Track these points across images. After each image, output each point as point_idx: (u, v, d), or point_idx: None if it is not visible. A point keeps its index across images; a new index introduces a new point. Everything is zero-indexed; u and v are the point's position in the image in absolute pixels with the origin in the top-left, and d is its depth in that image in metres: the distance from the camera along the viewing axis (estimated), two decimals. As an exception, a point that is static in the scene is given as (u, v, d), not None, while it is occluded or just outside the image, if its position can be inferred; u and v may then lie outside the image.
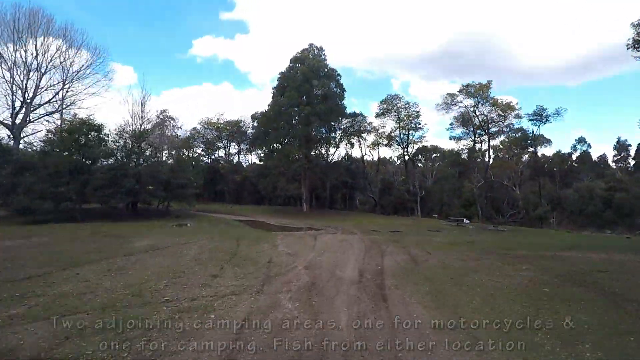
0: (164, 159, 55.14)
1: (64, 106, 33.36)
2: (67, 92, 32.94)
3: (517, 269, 9.67)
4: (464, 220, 31.30)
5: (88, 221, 23.20)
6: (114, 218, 26.22)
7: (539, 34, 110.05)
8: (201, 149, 60.70)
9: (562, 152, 74.42)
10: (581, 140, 72.43)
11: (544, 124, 37.14)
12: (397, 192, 44.01)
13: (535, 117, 37.11)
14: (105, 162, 29.05)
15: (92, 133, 27.84)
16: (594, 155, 77.92)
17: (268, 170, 37.58)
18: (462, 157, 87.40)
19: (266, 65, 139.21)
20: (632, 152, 72.31)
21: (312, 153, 37.46)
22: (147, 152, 31.40)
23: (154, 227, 22.16)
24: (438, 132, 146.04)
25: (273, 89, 37.89)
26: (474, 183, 41.98)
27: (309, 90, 35.55)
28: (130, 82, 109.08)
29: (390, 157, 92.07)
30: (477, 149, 41.18)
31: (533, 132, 38.12)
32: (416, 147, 43.19)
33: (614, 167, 75.22)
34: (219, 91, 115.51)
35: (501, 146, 52.06)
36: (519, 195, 52.96)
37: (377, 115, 43.12)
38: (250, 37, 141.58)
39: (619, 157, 74.73)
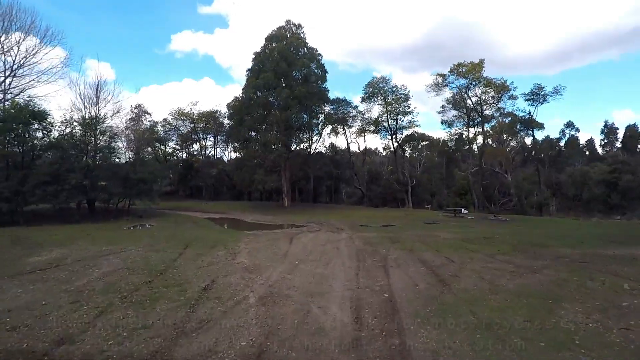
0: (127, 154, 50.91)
1: (12, 95, 28.72)
2: (12, 79, 28.28)
3: (617, 285, 6.33)
4: (462, 210, 28.30)
5: (34, 224, 19.40)
6: (64, 220, 22.28)
7: (519, 25, 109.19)
8: (175, 142, 56.30)
9: (551, 137, 73.01)
10: (569, 125, 70.76)
11: (541, 104, 34.52)
12: (385, 183, 40.81)
13: (532, 97, 34.40)
14: (51, 155, 24.83)
15: (34, 121, 23.53)
16: (581, 141, 76.82)
17: (244, 161, 33.67)
18: (450, 145, 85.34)
19: (247, 60, 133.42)
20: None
21: (293, 141, 33.71)
22: (101, 143, 27.10)
23: (103, 230, 18.29)
24: (424, 123, 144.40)
25: (247, 71, 33.94)
26: (470, 170, 39.11)
27: (287, 72, 31.75)
28: (107, 78, 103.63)
29: (376, 148, 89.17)
30: (470, 133, 38.21)
31: (530, 113, 35.43)
32: (405, 133, 39.80)
33: (601, 151, 74.25)
34: (200, 87, 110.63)
35: (491, 132, 49.24)
36: (511, 183, 50.72)
37: (363, 100, 39.71)
38: (230, 31, 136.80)
39: (607, 141, 73.69)
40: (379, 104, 40.01)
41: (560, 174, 59.29)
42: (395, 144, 40.22)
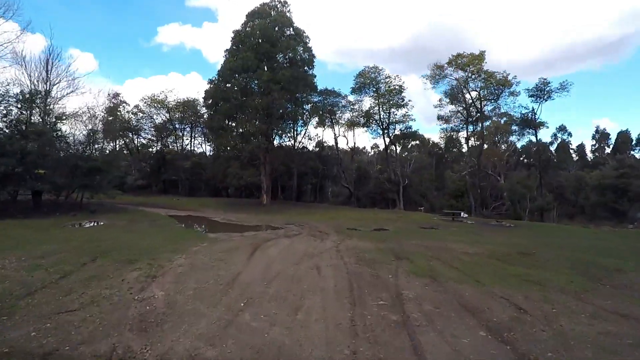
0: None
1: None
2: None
3: None
4: (461, 213, 25.24)
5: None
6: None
7: (504, 31, 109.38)
8: (147, 132, 51.77)
9: (542, 140, 71.32)
10: (562, 129, 69.11)
11: (546, 101, 31.86)
12: (375, 182, 37.56)
13: (536, 93, 31.64)
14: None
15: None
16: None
17: (219, 153, 29.83)
18: (440, 145, 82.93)
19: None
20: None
21: (275, 132, 30.02)
22: (42, 124, 22.90)
23: (28, 227, 14.53)
24: (413, 125, 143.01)
25: (225, 51, 30.05)
26: (466, 170, 36.23)
27: (270, 53, 28.06)
28: (90, 70, 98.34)
29: (364, 147, 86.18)
30: (468, 130, 35.19)
31: (533, 110, 32.71)
32: (398, 127, 36.50)
33: (591, 156, 73.01)
34: (186, 81, 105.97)
35: (485, 132, 46.46)
36: (504, 186, 48.35)
37: (353, 91, 36.37)
38: (218, 26, 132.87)
39: (598, 146, 72.50)
40: (370, 96, 36.75)
41: (556, 178, 57.30)
42: (387, 140, 36.96)
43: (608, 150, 71.85)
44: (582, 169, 54.34)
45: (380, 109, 35.62)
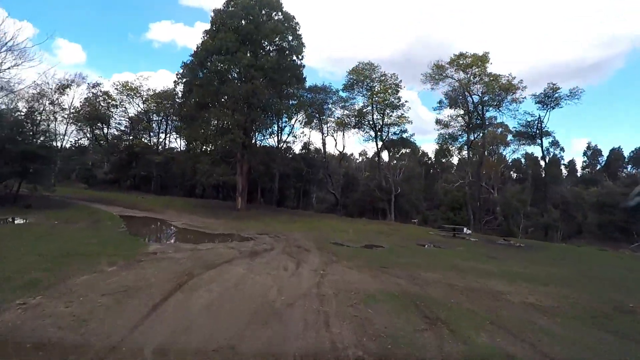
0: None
1: None
2: None
3: None
4: (464, 229, 22.02)
5: None
6: None
7: (488, 50, 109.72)
8: (117, 123, 47.17)
9: (534, 154, 69.61)
10: (554, 143, 67.45)
11: (553, 108, 29.24)
12: (365, 189, 34.17)
13: (543, 100, 28.98)
14: None
15: None
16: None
17: (188, 146, 25.90)
18: (430, 155, 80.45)
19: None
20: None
21: (255, 126, 26.29)
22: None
23: None
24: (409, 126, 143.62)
25: (204, 32, 26.29)
26: (459, 181, 33.30)
27: (253, 35, 24.50)
28: (78, 61, 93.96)
29: (352, 154, 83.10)
30: (470, 137, 32.08)
31: (540, 118, 30.01)
32: (393, 130, 33.15)
33: (581, 173, 71.77)
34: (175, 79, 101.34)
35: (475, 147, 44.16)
36: (497, 200, 45.83)
37: (345, 88, 33.04)
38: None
39: (589, 163, 71.30)
40: (363, 95, 33.47)
41: (558, 194, 55.19)
42: (380, 144, 33.65)
43: (598, 167, 70.89)
44: (576, 185, 52.48)
45: (374, 109, 32.36)
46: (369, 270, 8.83)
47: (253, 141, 28.43)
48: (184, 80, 25.01)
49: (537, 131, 30.29)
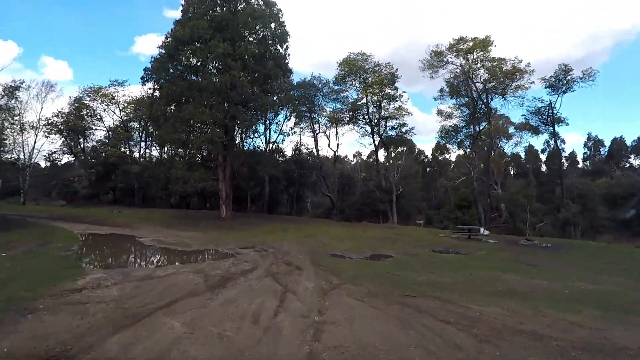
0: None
1: None
2: None
3: None
4: (480, 230, 19.17)
5: None
6: None
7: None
8: (102, 136, 43.71)
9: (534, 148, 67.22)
10: (554, 135, 65.13)
11: (565, 92, 26.64)
12: (363, 190, 31.24)
13: (554, 84, 26.35)
14: None
15: None
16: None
17: (160, 150, 22.82)
18: (427, 153, 77.88)
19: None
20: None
21: (237, 125, 23.28)
22: None
23: None
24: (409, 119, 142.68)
25: (175, 23, 23.32)
26: (461, 178, 30.59)
27: (230, 21, 21.65)
28: (65, 78, 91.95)
29: (346, 156, 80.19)
30: (477, 128, 29.23)
31: (551, 104, 27.37)
32: (391, 123, 30.20)
33: (582, 165, 69.61)
34: None
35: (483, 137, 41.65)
36: (502, 195, 43.21)
37: (336, 82, 30.21)
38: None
39: (589, 154, 69.10)
40: (356, 89, 30.65)
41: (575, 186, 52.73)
42: (377, 140, 30.72)
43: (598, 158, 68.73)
44: (582, 177, 50.09)
45: (368, 102, 29.51)
46: (389, 305, 5.88)
47: (237, 142, 25.49)
48: (153, 76, 21.95)
49: (549, 118, 27.64)
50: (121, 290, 7.05)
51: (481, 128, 28.89)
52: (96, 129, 42.84)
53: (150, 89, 21.86)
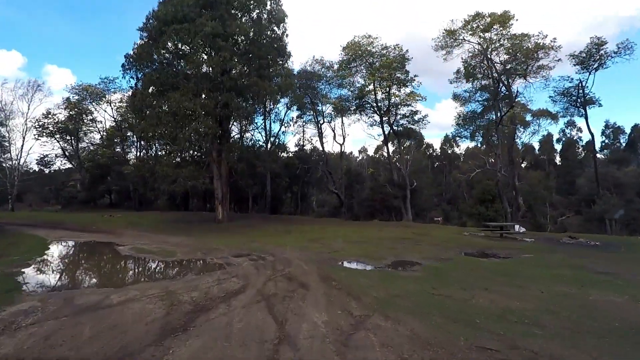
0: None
1: None
2: None
3: None
4: (515, 226, 16.48)
5: None
6: None
7: None
8: (97, 138, 41.51)
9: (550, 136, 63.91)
10: (570, 124, 61.99)
11: (597, 70, 23.72)
12: (374, 185, 28.54)
13: (584, 60, 23.39)
14: None
15: None
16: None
17: (146, 146, 20.34)
18: (435, 147, 74.85)
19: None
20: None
21: (231, 115, 20.70)
22: None
23: None
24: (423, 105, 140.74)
25: (159, 4, 20.77)
26: (498, 168, 27.79)
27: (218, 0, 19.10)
28: (68, 84, 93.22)
29: (351, 152, 77.30)
30: (499, 112, 26.23)
31: (581, 83, 24.39)
32: (402, 112, 27.44)
33: (601, 155, 66.09)
34: None
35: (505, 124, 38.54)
36: (518, 188, 40.36)
37: (341, 67, 27.52)
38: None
39: (607, 142, 65.61)
40: (362, 75, 27.93)
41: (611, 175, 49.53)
42: (387, 129, 27.97)
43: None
44: (607, 166, 46.96)
45: (376, 88, 26.78)
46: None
47: (235, 137, 22.98)
48: (135, 64, 19.45)
49: (578, 99, 24.74)
50: (30, 338, 4.57)
51: (503, 114, 26.00)
52: (88, 130, 40.72)
53: (132, 77, 19.25)
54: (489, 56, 25.77)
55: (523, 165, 62.91)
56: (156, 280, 8.69)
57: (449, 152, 76.77)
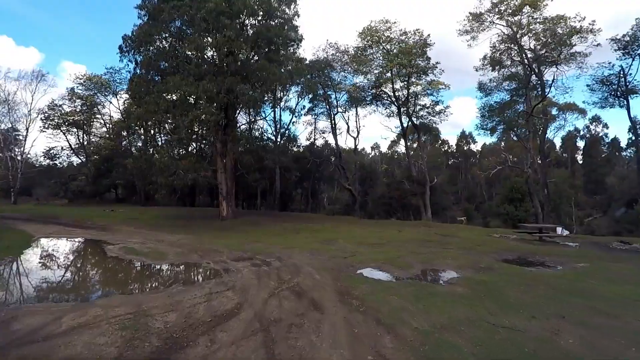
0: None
1: None
2: None
3: None
4: (558, 229, 14.39)
5: None
6: None
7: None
8: (104, 130, 40.33)
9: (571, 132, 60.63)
10: (595, 120, 58.70)
11: (640, 56, 21.19)
12: (390, 181, 26.56)
13: (627, 44, 20.98)
14: None
15: None
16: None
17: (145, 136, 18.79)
18: (451, 143, 72.20)
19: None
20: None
21: (236, 102, 18.95)
22: None
23: None
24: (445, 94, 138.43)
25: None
26: (526, 164, 25.54)
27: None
28: (72, 74, 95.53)
29: (363, 149, 75.11)
30: (529, 101, 23.92)
31: (622, 70, 21.91)
32: (423, 102, 25.32)
33: (625, 154, 62.46)
34: None
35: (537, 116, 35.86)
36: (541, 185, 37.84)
37: (356, 55, 25.56)
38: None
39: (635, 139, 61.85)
40: (379, 63, 25.82)
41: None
42: (406, 122, 25.91)
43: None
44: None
45: (395, 75, 24.70)
46: None
47: (243, 128, 21.25)
48: (134, 46, 17.83)
49: (619, 88, 22.30)
50: None
51: (536, 103, 23.69)
52: (94, 121, 39.53)
53: (130, 61, 17.64)
54: (519, 42, 23.48)
55: (539, 162, 60.01)
56: (131, 293, 6.98)
57: (465, 148, 74.05)
